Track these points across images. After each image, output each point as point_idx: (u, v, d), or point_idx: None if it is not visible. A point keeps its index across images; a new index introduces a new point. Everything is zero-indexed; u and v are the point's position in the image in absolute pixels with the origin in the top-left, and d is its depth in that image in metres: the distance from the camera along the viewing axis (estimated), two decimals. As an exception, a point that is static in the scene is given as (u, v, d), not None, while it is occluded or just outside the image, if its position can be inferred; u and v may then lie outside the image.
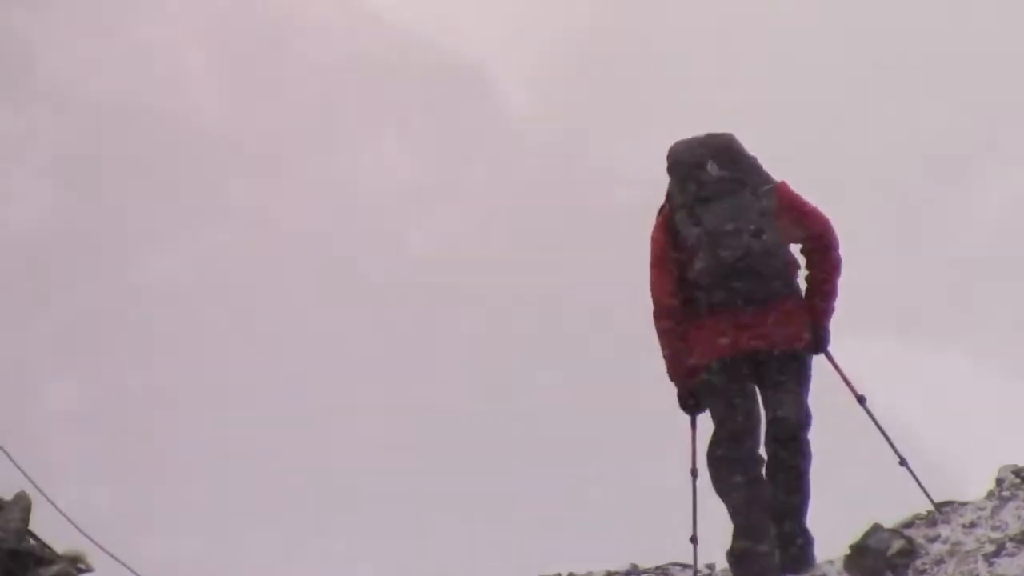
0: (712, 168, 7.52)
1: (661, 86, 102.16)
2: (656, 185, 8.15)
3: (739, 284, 7.50)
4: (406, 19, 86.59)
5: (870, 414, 8.26)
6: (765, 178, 7.63)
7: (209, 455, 57.37)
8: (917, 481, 8.31)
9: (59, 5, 68.47)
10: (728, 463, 7.55)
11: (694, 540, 8.26)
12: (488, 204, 76.96)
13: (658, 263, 7.70)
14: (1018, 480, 8.49)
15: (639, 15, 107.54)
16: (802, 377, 7.69)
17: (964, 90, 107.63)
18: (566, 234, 75.07)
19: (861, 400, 8.22)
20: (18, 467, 10.08)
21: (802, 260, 7.85)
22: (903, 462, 8.33)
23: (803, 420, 7.66)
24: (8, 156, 62.76)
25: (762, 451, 7.71)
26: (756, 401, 7.66)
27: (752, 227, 7.48)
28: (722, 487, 7.59)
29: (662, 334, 7.75)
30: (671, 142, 7.86)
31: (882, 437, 8.31)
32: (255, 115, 74.58)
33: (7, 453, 10.23)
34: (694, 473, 8.04)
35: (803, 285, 7.87)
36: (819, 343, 7.75)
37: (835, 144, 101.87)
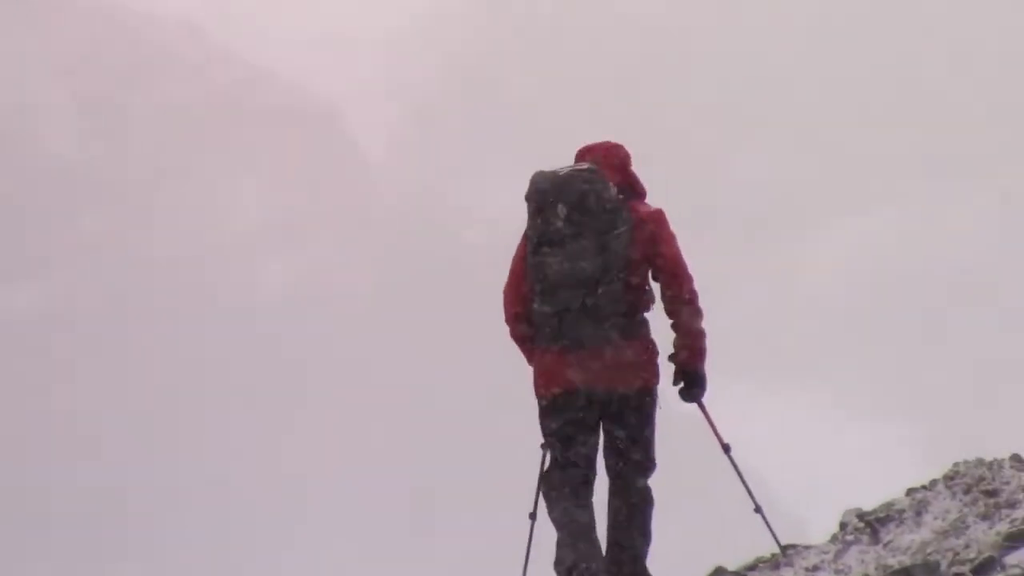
0: (561, 210, 7.35)
1: (509, 135, 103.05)
2: (503, 226, 8.15)
3: (567, 330, 7.45)
4: (264, 61, 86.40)
5: (733, 463, 8.36)
6: (623, 219, 7.44)
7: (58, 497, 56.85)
8: (768, 526, 8.47)
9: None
10: (561, 490, 7.52)
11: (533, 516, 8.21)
12: (339, 242, 76.74)
13: (510, 285, 7.65)
14: (861, 524, 8.70)
15: (484, 64, 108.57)
16: (644, 420, 7.59)
17: (839, 137, 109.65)
18: (416, 272, 75.22)
19: (726, 449, 8.30)
20: None
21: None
22: (758, 509, 8.42)
23: (645, 464, 7.66)
24: None
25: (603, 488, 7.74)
26: (595, 435, 7.60)
27: (585, 278, 7.35)
28: (554, 513, 7.55)
29: (518, 346, 7.76)
30: (514, 186, 7.73)
31: (741, 483, 8.45)
32: (113, 150, 73.79)
33: None
34: (533, 517, 8.17)
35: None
36: (690, 390, 7.68)
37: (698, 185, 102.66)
